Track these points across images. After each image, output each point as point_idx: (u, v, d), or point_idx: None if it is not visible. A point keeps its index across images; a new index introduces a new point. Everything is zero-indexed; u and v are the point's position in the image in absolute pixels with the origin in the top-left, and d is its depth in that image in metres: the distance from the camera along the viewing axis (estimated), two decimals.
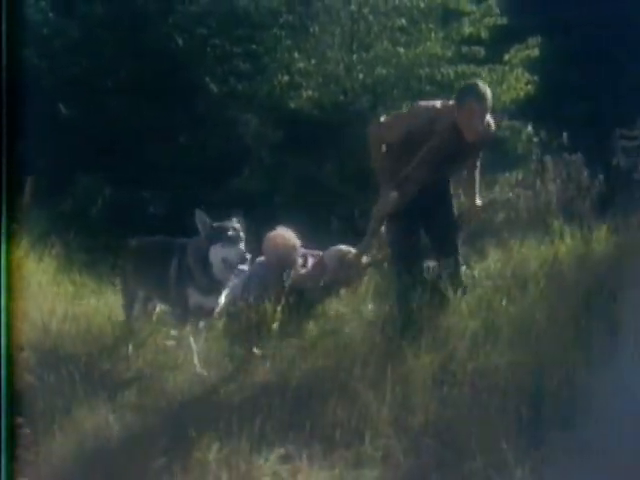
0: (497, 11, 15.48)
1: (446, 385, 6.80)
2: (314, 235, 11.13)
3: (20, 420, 6.07)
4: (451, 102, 8.22)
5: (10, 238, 8.64)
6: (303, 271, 9.64)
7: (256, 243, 11.32)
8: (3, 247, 8.57)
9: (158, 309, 8.52)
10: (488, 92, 8.12)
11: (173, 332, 8.26)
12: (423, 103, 8.60)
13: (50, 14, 14.92)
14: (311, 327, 8.50)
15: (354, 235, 10.16)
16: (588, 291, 8.04)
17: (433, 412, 6.44)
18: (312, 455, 6.20)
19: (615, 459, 6.12)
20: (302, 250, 9.80)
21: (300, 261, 9.78)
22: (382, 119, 8.74)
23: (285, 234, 9.72)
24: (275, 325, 8.15)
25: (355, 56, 15.12)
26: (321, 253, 9.82)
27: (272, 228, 9.79)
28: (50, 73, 14.44)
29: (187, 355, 7.68)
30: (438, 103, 8.31)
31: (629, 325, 7.26)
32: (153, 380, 7.32)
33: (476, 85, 8.29)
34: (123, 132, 13.66)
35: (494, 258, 9.17)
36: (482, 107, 8.03)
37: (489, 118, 8.23)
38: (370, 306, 8.80)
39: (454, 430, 6.40)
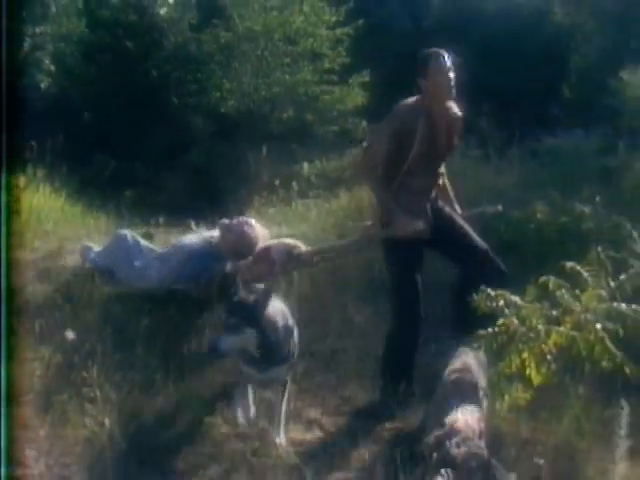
0: (344, 54, 15.59)
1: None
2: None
3: None
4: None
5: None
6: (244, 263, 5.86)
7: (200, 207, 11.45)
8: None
9: None
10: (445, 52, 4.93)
11: None
12: (399, 105, 5.03)
13: (81, 61, 15.48)
14: None
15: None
16: None
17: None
18: None
19: None
20: None
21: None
22: (364, 144, 5.60)
23: (258, 229, 6.04)
24: None
25: (260, 81, 15.22)
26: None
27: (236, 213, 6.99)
28: (78, 92, 14.72)
29: None
30: (410, 98, 5.03)
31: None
32: None
33: (432, 50, 4.96)
34: (122, 128, 13.94)
35: (345, 198, 9.09)
36: (447, 65, 4.87)
37: (454, 105, 5.07)
38: None
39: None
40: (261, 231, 6.06)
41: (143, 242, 6.42)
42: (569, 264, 4.78)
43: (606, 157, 8.75)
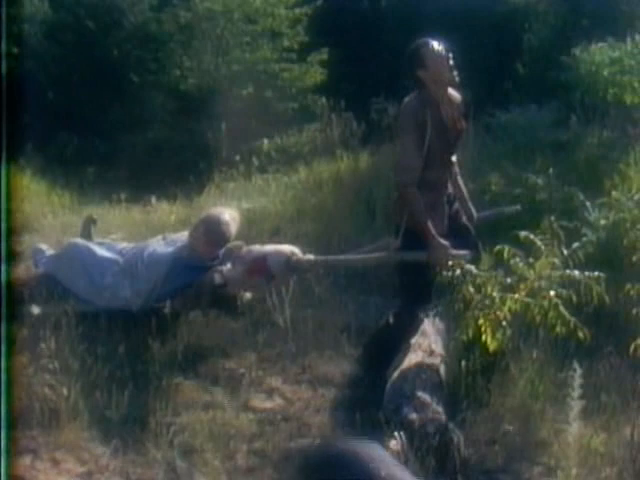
0: (303, 33, 15.48)
1: None
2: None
3: None
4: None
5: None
6: (232, 271, 5.35)
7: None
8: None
9: None
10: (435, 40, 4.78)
11: None
12: (404, 104, 4.77)
13: (45, 41, 15.10)
14: None
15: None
16: (356, 188, 8.06)
17: None
18: None
19: None
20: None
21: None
22: (400, 161, 4.78)
23: (226, 216, 5.54)
24: None
25: (220, 59, 15.11)
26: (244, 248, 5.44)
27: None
28: (41, 72, 14.41)
29: None
30: (412, 94, 4.73)
31: (380, 206, 7.24)
32: None
33: (423, 40, 4.79)
34: (84, 106, 13.80)
35: (304, 172, 9.12)
36: (443, 51, 4.69)
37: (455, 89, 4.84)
38: None
39: None
40: (230, 214, 5.62)
41: (99, 251, 5.73)
42: (523, 233, 4.81)
43: (559, 130, 8.78)
